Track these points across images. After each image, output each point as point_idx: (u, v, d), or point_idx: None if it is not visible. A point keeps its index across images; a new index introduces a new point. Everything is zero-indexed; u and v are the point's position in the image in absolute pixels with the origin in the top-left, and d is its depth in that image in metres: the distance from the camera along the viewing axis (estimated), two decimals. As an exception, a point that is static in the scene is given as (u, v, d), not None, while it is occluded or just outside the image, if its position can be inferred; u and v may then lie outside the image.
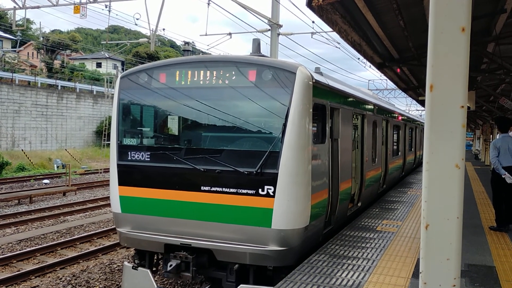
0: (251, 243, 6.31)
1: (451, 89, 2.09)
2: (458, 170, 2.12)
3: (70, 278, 9.22)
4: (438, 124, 2.12)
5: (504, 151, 8.43)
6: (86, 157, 35.20)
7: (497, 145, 8.49)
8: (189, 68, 7.02)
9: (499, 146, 8.46)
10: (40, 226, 13.74)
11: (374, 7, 6.38)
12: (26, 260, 10.38)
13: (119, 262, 10.27)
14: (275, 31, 19.01)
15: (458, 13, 2.04)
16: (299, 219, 6.33)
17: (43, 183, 23.19)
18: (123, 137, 7.36)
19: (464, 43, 2.08)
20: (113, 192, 7.30)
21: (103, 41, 52.93)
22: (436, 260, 2.15)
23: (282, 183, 6.15)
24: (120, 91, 7.44)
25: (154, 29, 19.56)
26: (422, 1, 6.15)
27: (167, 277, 7.24)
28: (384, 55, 9.19)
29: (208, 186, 6.56)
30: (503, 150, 8.43)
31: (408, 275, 5.93)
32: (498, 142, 8.54)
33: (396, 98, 48.83)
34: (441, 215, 2.14)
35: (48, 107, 35.88)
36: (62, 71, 52.97)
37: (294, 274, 5.93)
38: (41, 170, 28.45)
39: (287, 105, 6.24)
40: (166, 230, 6.87)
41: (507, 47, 8.64)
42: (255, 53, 7.64)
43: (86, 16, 20.10)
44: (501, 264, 6.55)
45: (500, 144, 8.46)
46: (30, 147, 33.70)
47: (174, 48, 78.36)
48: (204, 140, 7.08)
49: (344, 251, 7.04)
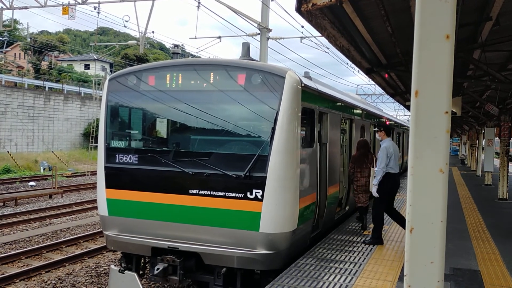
0: (239, 247, 6.31)
1: (436, 95, 2.13)
2: (442, 175, 2.16)
3: (55, 281, 9.11)
4: (422, 129, 2.16)
5: (395, 157, 7.66)
6: (73, 159, 34.84)
7: (390, 150, 7.63)
8: (178, 71, 7.02)
9: (391, 152, 7.65)
10: (26, 229, 13.56)
11: (363, 13, 6.44)
12: (10, 263, 10.23)
13: (105, 266, 10.18)
14: (265, 35, 19.08)
15: (442, 21, 2.08)
16: (287, 223, 6.35)
17: (29, 185, 22.89)
18: (111, 139, 7.32)
19: (449, 50, 2.12)
20: (100, 195, 7.25)
21: (91, 42, 52.59)
22: (420, 263, 2.19)
23: (271, 187, 6.17)
24: (109, 93, 7.41)
25: (144, 32, 19.52)
26: (409, 8, 6.23)
27: (154, 280, 7.21)
28: (372, 61, 9.28)
29: (197, 189, 6.56)
30: (394, 156, 7.65)
31: (394, 278, 5.98)
32: (390, 147, 7.67)
33: (384, 103, 49.36)
34: (426, 218, 2.17)
35: (35, 108, 35.49)
36: (50, 72, 52.47)
37: (281, 277, 5.94)
38: (27, 172, 28.08)
39: (276, 109, 6.27)
40: (153, 233, 6.84)
41: (493, 54, 8.79)
42: (244, 57, 7.67)
43: (74, 18, 20.00)
44: (486, 268, 6.63)
45: (392, 150, 7.67)
46: (16, 149, 33.27)
47: (164, 50, 78.08)
48: (192, 143, 7.08)
49: (332, 255, 7.07)
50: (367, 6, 6.16)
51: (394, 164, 7.66)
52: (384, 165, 7.54)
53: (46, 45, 54.20)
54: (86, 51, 66.43)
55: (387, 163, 7.57)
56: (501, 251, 7.63)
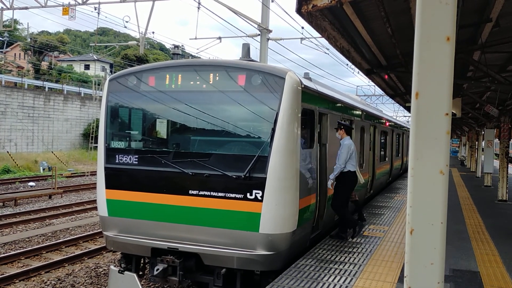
0: (239, 248, 6.31)
1: (436, 97, 2.13)
2: (442, 176, 2.16)
3: (55, 282, 9.11)
4: (423, 130, 2.16)
5: (354, 156, 8.05)
6: (73, 159, 34.83)
7: (351, 148, 8.00)
8: (178, 71, 7.02)
9: (352, 149, 8.02)
10: (25, 229, 13.56)
11: (363, 14, 6.45)
12: (10, 264, 10.23)
13: (105, 266, 10.18)
14: (265, 36, 19.09)
15: (443, 23, 2.08)
16: (287, 224, 6.35)
17: (28, 185, 22.88)
18: (111, 140, 7.32)
19: (449, 52, 2.12)
20: (100, 195, 7.25)
21: (91, 43, 52.57)
22: (420, 264, 2.19)
23: (270, 187, 6.17)
24: (109, 93, 7.41)
25: (144, 32, 19.53)
26: (409, 10, 6.24)
27: (154, 281, 7.20)
28: (372, 62, 9.28)
29: (196, 190, 6.56)
30: (354, 154, 8.03)
31: (394, 279, 5.99)
32: (352, 146, 8.05)
33: (384, 104, 49.34)
34: (426, 220, 2.18)
35: (34, 108, 35.48)
36: (50, 72, 52.45)
37: (281, 278, 5.95)
38: (27, 172, 28.07)
39: (276, 110, 6.27)
40: (153, 234, 6.84)
41: (493, 56, 8.79)
42: (244, 58, 7.67)
43: (75, 18, 20.01)
44: (486, 269, 6.64)
45: (353, 148, 8.06)
46: (15, 149, 33.25)
47: (164, 51, 78.07)
48: (192, 144, 7.08)
49: (331, 256, 7.08)
50: (367, 7, 6.16)
51: (354, 162, 8.04)
52: (343, 162, 7.90)
53: (46, 46, 54.19)
54: (86, 52, 66.41)
55: (346, 160, 7.91)
56: (501, 252, 7.64)
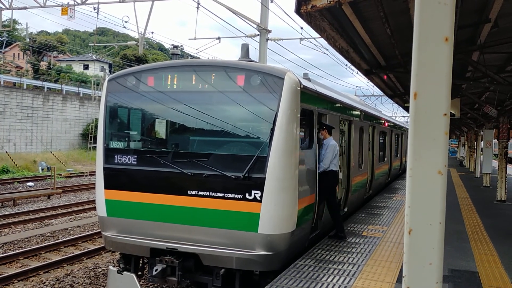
0: (238, 248, 6.31)
1: (435, 97, 2.13)
2: (440, 177, 2.17)
3: (54, 282, 9.10)
4: (421, 131, 2.16)
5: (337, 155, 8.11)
6: (72, 160, 34.81)
7: (336, 148, 8.06)
8: (177, 72, 7.02)
9: (337, 150, 8.08)
10: (24, 229, 13.55)
11: (362, 15, 6.45)
12: (9, 264, 10.22)
13: (104, 266, 10.17)
14: (264, 36, 19.10)
15: (441, 24, 2.09)
16: (286, 224, 6.35)
17: (27, 185, 22.86)
18: (109, 140, 7.32)
19: (448, 52, 2.13)
20: (99, 195, 7.25)
21: (90, 43, 52.56)
22: (418, 264, 2.19)
23: (269, 187, 6.18)
24: (108, 93, 7.41)
25: (143, 32, 19.54)
26: (408, 10, 6.24)
27: (153, 281, 7.20)
28: (371, 62, 9.29)
29: (195, 190, 6.56)
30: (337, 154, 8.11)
31: (392, 280, 5.99)
32: (337, 146, 8.13)
33: (383, 104, 49.41)
34: (424, 220, 2.18)
35: (33, 109, 35.44)
36: (49, 72, 52.40)
37: (280, 278, 5.95)
38: (26, 172, 28.04)
39: (275, 110, 6.28)
40: (152, 234, 6.84)
41: (491, 56, 8.80)
42: (243, 58, 7.67)
43: (74, 18, 20.00)
44: (484, 270, 6.65)
45: (337, 148, 8.13)
46: (14, 149, 33.21)
47: (163, 51, 78.04)
48: (191, 144, 7.08)
49: (330, 256, 7.08)
50: (366, 8, 6.17)
51: (336, 161, 8.11)
52: (328, 162, 7.93)
53: (45, 45, 54.15)
54: (85, 52, 66.37)
55: (332, 161, 7.96)
56: (499, 252, 7.65)
